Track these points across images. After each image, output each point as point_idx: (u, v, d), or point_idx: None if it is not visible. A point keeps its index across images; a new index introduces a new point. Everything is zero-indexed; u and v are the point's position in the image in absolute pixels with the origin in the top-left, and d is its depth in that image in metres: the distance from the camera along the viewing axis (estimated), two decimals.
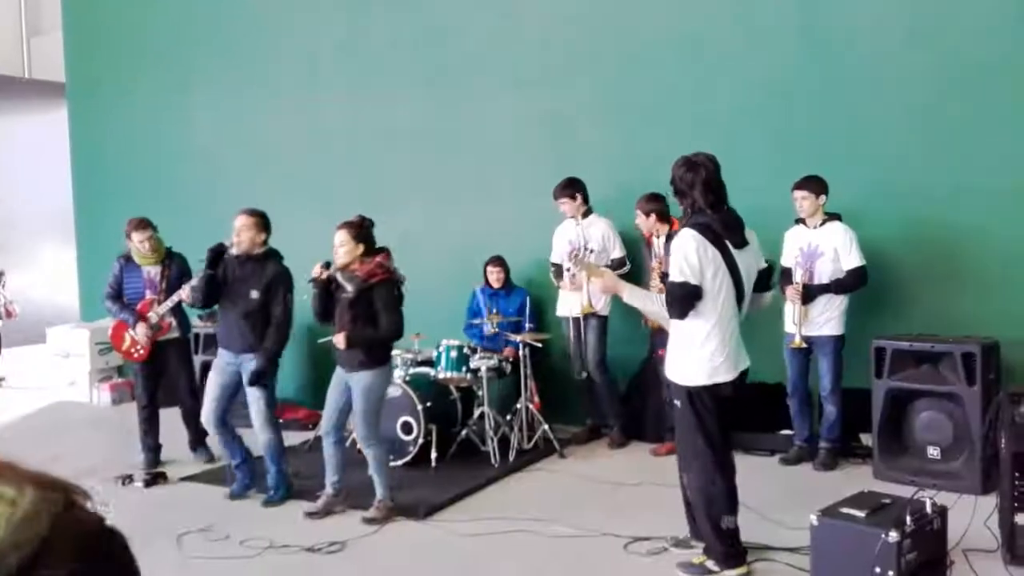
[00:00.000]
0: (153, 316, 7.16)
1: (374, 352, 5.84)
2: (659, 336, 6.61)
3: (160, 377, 7.37)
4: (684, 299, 4.49)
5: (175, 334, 7.30)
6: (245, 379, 6.20)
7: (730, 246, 4.59)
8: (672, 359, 4.72)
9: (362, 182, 9.10)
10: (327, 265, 5.85)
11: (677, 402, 4.70)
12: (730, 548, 4.76)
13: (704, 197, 4.57)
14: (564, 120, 8.27)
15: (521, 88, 8.48)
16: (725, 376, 4.63)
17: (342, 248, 5.76)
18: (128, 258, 7.26)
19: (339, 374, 5.96)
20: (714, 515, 4.71)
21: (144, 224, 7.25)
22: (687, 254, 4.47)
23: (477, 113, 8.68)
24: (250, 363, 6.17)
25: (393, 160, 9.07)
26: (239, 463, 6.46)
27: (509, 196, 8.46)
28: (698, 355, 4.60)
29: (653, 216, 6.98)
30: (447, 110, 8.81)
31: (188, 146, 10.23)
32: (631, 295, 4.81)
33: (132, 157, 10.57)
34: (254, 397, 6.20)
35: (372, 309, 5.77)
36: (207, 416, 6.33)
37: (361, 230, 5.82)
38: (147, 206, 9.94)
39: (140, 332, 7.08)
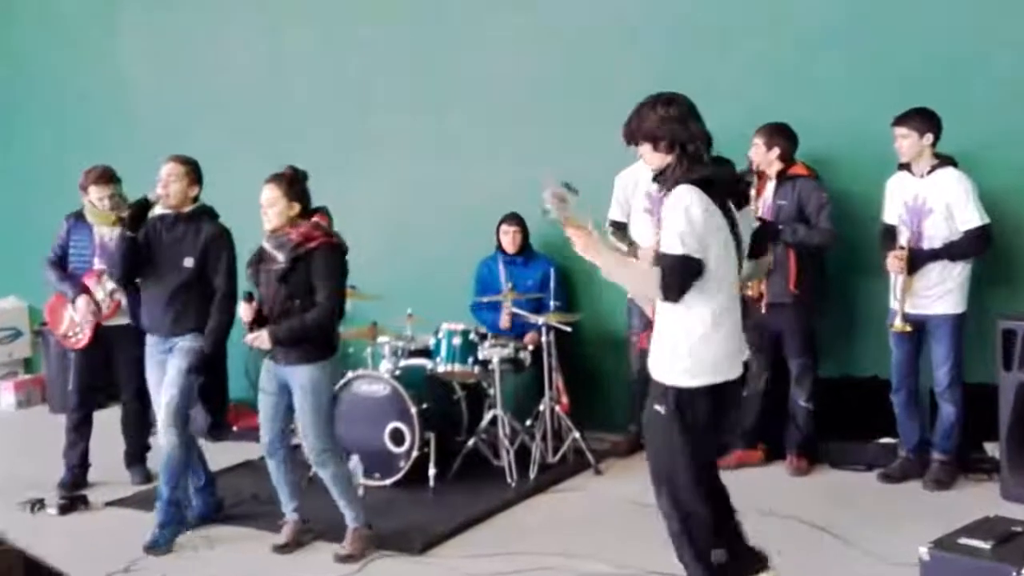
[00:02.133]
0: (99, 291, 7.16)
1: (316, 338, 5.87)
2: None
3: (100, 371, 7.39)
4: (684, 277, 4.42)
5: (125, 319, 7.26)
6: (174, 364, 6.18)
7: (732, 206, 4.58)
8: (662, 353, 4.64)
9: (336, 130, 9.09)
10: (249, 297, 5.92)
11: (659, 407, 4.61)
12: None
13: (704, 140, 4.56)
14: (593, 43, 8.23)
15: (534, 3, 8.46)
16: (730, 373, 4.60)
17: (272, 208, 5.78)
18: (79, 216, 7.25)
19: (270, 371, 5.98)
20: (702, 547, 4.67)
21: (107, 177, 7.16)
22: (691, 219, 4.39)
23: (480, 36, 8.66)
24: (183, 346, 6.19)
25: (375, 101, 9.05)
26: (200, 486, 6.47)
27: (524, 144, 8.40)
28: (700, 347, 4.54)
29: (776, 151, 7.01)
30: (443, 35, 8.80)
31: (111, 77, 10.24)
32: (608, 265, 4.60)
33: (42, 90, 10.58)
34: (173, 381, 6.16)
35: (309, 283, 5.80)
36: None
37: (294, 185, 5.83)
38: (57, 151, 10.09)
39: (81, 309, 7.04)
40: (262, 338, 5.77)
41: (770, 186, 7.04)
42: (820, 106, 7.33)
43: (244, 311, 5.90)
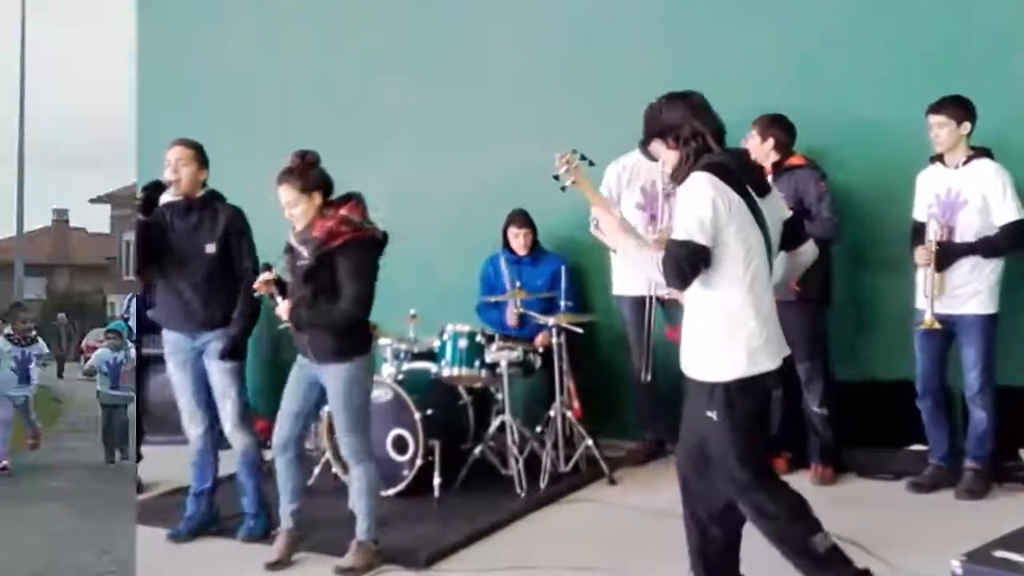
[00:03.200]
0: None
1: (350, 335, 5.77)
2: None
3: None
4: (687, 263, 4.45)
5: None
6: (210, 360, 6.22)
7: (753, 194, 4.59)
8: (695, 350, 4.66)
9: (336, 129, 9.10)
10: (266, 267, 5.93)
11: (710, 413, 4.59)
12: (850, 571, 4.68)
13: (711, 131, 4.60)
14: (594, 43, 8.28)
15: (535, 3, 8.52)
16: (767, 363, 4.57)
17: (295, 209, 5.66)
18: None
19: (302, 367, 5.92)
20: (800, 539, 4.63)
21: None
22: (700, 204, 4.44)
23: (480, 37, 8.71)
24: (216, 341, 6.21)
25: (375, 100, 9.11)
26: (202, 490, 6.44)
27: (532, 132, 8.34)
28: (731, 340, 4.54)
29: (771, 142, 7.02)
30: (443, 35, 8.86)
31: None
32: (628, 249, 4.69)
33: None
34: (224, 384, 6.21)
35: (334, 282, 5.69)
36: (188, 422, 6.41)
37: (308, 175, 5.68)
38: None
39: None
40: (281, 307, 5.70)
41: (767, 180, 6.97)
42: (827, 101, 7.39)
43: (261, 284, 5.80)
